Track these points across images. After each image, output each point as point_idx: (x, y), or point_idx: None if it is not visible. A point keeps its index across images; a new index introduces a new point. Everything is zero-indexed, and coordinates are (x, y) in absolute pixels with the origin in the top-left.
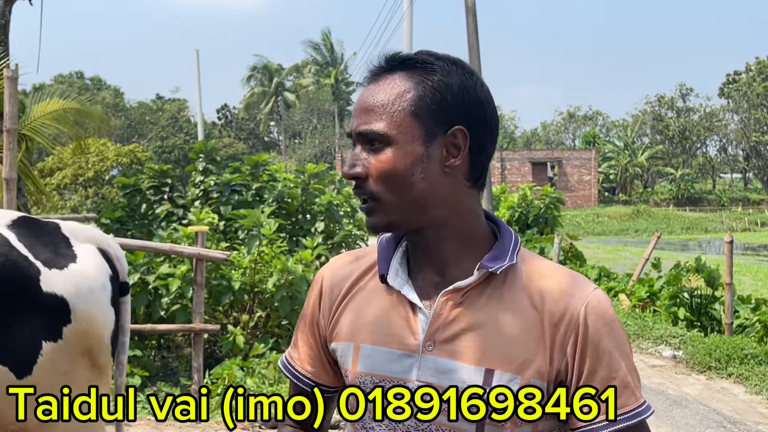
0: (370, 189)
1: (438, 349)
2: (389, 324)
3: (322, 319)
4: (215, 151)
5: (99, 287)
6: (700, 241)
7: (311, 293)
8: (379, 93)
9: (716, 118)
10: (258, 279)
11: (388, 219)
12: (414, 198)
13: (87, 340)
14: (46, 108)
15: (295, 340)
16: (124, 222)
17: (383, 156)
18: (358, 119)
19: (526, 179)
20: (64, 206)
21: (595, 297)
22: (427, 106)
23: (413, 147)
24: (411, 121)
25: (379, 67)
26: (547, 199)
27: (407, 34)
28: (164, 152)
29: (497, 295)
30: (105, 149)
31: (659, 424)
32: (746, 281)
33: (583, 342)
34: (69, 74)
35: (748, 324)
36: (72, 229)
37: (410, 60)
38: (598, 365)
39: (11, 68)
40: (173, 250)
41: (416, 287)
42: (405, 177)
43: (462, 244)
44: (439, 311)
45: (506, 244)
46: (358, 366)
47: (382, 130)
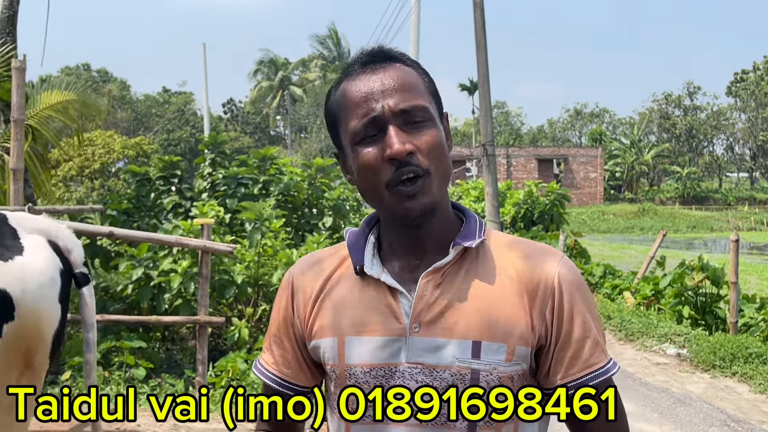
0: (422, 164)
1: (424, 329)
2: (372, 313)
3: (297, 320)
4: (224, 144)
5: (47, 282)
6: (705, 240)
7: (281, 296)
8: (396, 76)
9: (723, 117)
10: (262, 273)
11: (435, 195)
12: (448, 173)
13: (28, 339)
14: (49, 99)
15: (268, 345)
16: (130, 213)
17: (430, 131)
18: (391, 98)
19: (531, 176)
20: (70, 198)
21: (564, 265)
22: (433, 90)
23: (439, 125)
24: (433, 102)
25: (376, 57)
26: (552, 196)
27: (414, 29)
28: (170, 145)
29: (473, 270)
30: (111, 141)
31: (663, 422)
32: (752, 280)
33: (560, 307)
34: (76, 66)
35: (753, 323)
36: (19, 219)
37: (396, 54)
38: (574, 327)
39: (19, 59)
40: (179, 242)
41: (393, 274)
42: (445, 152)
43: (443, 228)
44: (422, 293)
45: (473, 225)
46: (346, 358)
47: (425, 106)
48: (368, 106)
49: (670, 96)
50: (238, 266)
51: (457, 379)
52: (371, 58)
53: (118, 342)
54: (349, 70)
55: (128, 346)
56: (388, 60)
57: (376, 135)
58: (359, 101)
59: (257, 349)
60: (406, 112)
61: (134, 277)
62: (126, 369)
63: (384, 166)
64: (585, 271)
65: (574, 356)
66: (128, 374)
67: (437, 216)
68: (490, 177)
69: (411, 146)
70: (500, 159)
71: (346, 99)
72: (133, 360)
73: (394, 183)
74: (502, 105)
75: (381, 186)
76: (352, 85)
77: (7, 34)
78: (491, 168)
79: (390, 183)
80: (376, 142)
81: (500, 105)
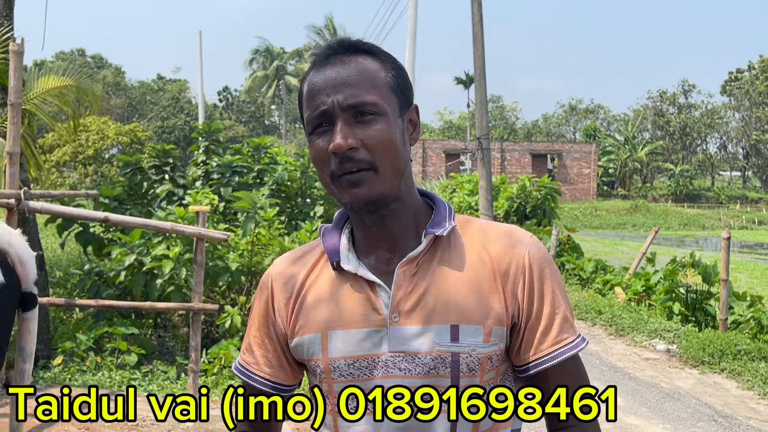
0: (366, 159)
1: (404, 318)
2: (352, 306)
3: (278, 319)
4: (219, 132)
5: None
6: (697, 238)
7: (260, 296)
8: (352, 70)
9: (717, 116)
10: (255, 261)
11: (381, 188)
12: (400, 167)
13: None
14: (46, 84)
15: (248, 345)
16: (123, 201)
17: (378, 126)
18: (341, 93)
19: (525, 171)
20: (63, 183)
21: (533, 244)
22: (397, 83)
23: (395, 119)
24: (392, 95)
25: (339, 49)
26: (544, 191)
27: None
28: (164, 132)
29: (447, 256)
30: (105, 128)
31: (651, 416)
32: (742, 278)
33: (530, 285)
34: (70, 51)
35: (742, 320)
36: None
37: (363, 46)
38: (544, 304)
39: (17, 42)
40: (174, 229)
41: (369, 267)
42: (397, 146)
43: (410, 218)
44: (399, 283)
45: (443, 212)
46: (329, 352)
47: (376, 101)
48: (320, 99)
49: (665, 93)
50: (232, 254)
51: (438, 363)
52: (335, 50)
53: (110, 328)
54: (314, 62)
55: (120, 332)
56: (352, 52)
57: (327, 126)
58: (314, 94)
59: None
60: (354, 107)
61: (127, 263)
62: (118, 355)
63: (329, 158)
64: (577, 266)
65: (544, 332)
66: (120, 360)
67: (398, 207)
68: (484, 170)
69: (353, 141)
70: (495, 153)
71: (306, 90)
72: (125, 346)
73: (337, 174)
74: (497, 99)
75: (327, 177)
76: (313, 77)
77: (5, 17)
78: (486, 162)
79: (333, 174)
80: (326, 134)
81: (495, 99)
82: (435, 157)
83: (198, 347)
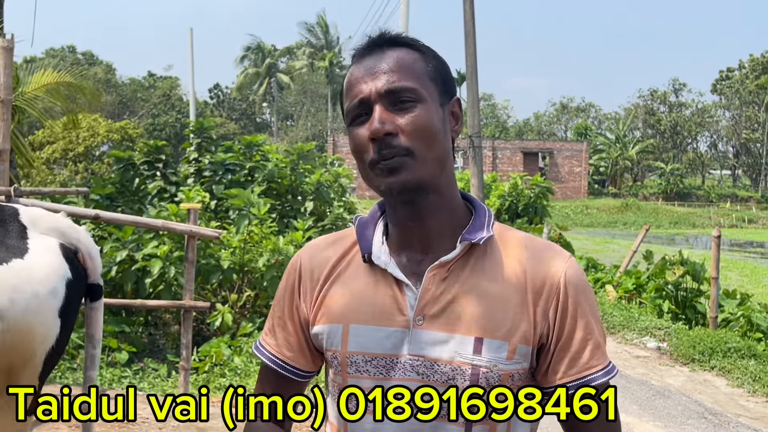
0: (403, 144)
1: (428, 322)
2: (377, 303)
3: (303, 304)
4: (211, 129)
5: (45, 293)
6: (687, 236)
7: (288, 278)
8: (392, 59)
9: (708, 114)
10: (248, 259)
11: (420, 174)
12: (439, 155)
13: (11, 356)
14: (40, 80)
15: (271, 326)
16: (114, 198)
17: (417, 111)
18: (380, 81)
19: (517, 169)
20: (53, 181)
21: (571, 266)
22: (437, 73)
23: (436, 107)
24: (431, 84)
25: (380, 41)
26: (536, 189)
27: (404, 17)
28: (155, 130)
29: (480, 266)
30: (96, 125)
31: (642, 414)
32: (732, 276)
33: (564, 308)
34: (61, 48)
35: (732, 318)
36: (34, 217)
37: (403, 39)
38: (576, 328)
39: (7, 39)
40: (165, 226)
41: (399, 265)
42: (437, 133)
43: (447, 217)
44: (427, 286)
45: (482, 218)
46: (349, 345)
47: (414, 87)
48: (359, 88)
49: (655, 92)
50: (224, 252)
51: (458, 374)
52: (375, 43)
53: None
54: (354, 55)
55: (111, 329)
56: (392, 45)
57: (366, 116)
58: (353, 83)
59: (241, 335)
60: (393, 93)
61: (118, 258)
62: (109, 352)
63: (368, 146)
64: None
65: (575, 357)
66: (110, 358)
67: (436, 202)
68: (476, 169)
69: (391, 126)
70: (486, 151)
71: (346, 82)
72: (116, 343)
73: (375, 161)
74: (489, 97)
75: (367, 165)
76: (353, 69)
77: None
78: (477, 160)
79: (372, 162)
80: (365, 123)
81: (487, 97)
82: None
83: (189, 345)
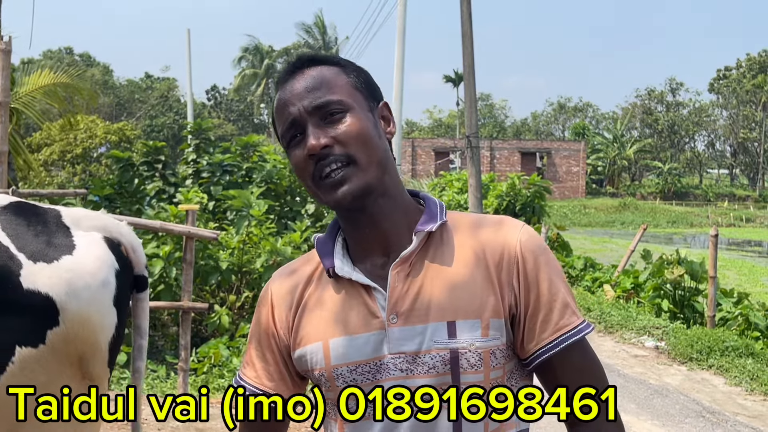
0: (342, 153)
1: (402, 319)
2: (350, 313)
3: (280, 331)
4: (209, 130)
5: (98, 284)
6: (685, 235)
7: (261, 310)
8: (312, 78)
9: (705, 114)
10: (246, 260)
11: (364, 180)
12: (380, 158)
13: (78, 346)
14: (37, 82)
15: (249, 359)
16: (112, 199)
17: (348, 120)
18: (306, 99)
19: (515, 169)
20: (51, 182)
21: (525, 233)
22: (360, 82)
23: (365, 113)
24: (356, 93)
25: (299, 64)
26: (533, 189)
27: (401, 18)
28: (153, 131)
29: (439, 253)
30: (94, 126)
31: (640, 413)
32: (730, 275)
33: (525, 274)
34: (58, 50)
35: (730, 317)
36: (75, 216)
37: (322, 58)
38: (541, 291)
39: (5, 41)
40: (163, 228)
41: (365, 272)
42: (372, 137)
43: (400, 217)
44: (394, 284)
45: (433, 209)
46: (331, 360)
47: (340, 98)
48: (287, 111)
49: (653, 92)
50: (222, 253)
51: (437, 361)
52: (296, 66)
53: None
54: (278, 81)
55: None
56: (311, 65)
57: (301, 136)
58: (281, 108)
59: (240, 336)
60: (320, 108)
61: None
62: None
63: (308, 163)
64: (566, 264)
65: (545, 320)
66: None
67: (387, 203)
68: (473, 169)
69: (326, 139)
70: (484, 151)
71: (275, 108)
72: None
73: (318, 177)
74: (486, 97)
75: (310, 182)
76: (279, 94)
77: None
78: (475, 160)
79: (314, 177)
80: (301, 143)
81: (485, 97)
82: (424, 155)
83: (188, 346)
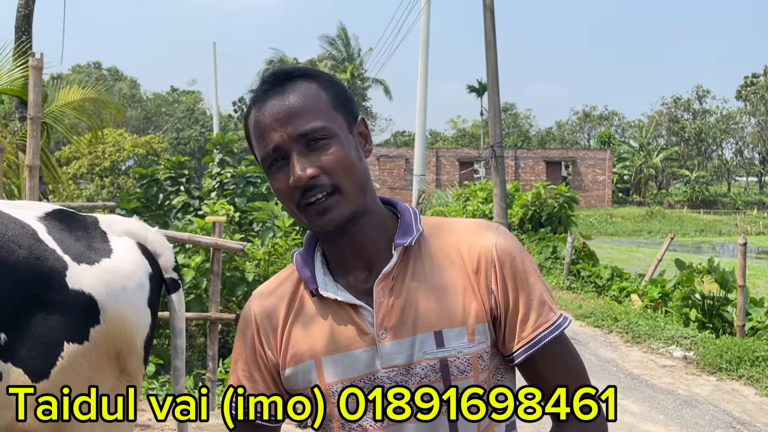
0: (329, 183)
1: (391, 334)
2: (339, 331)
3: (268, 350)
4: (232, 143)
5: (134, 286)
6: (714, 244)
7: (245, 331)
8: (292, 98)
9: (733, 121)
10: (272, 271)
11: (351, 208)
12: (362, 183)
13: (116, 343)
14: (66, 97)
15: (236, 381)
16: (140, 213)
17: (333, 149)
18: (289, 126)
19: (540, 178)
20: (80, 195)
21: (500, 235)
22: (339, 101)
23: (347, 137)
24: (336, 115)
25: (274, 80)
26: (561, 199)
27: (424, 29)
28: (180, 144)
29: (420, 264)
30: (121, 140)
31: (668, 423)
32: (760, 284)
33: (502, 276)
34: (87, 64)
35: (760, 327)
36: (109, 222)
37: (296, 71)
38: (520, 291)
39: (36, 57)
40: (191, 240)
41: (348, 288)
42: (355, 163)
43: (379, 231)
44: (380, 300)
45: (407, 219)
46: (326, 377)
47: (324, 125)
48: (270, 136)
49: (679, 99)
50: (249, 264)
51: (428, 371)
52: (271, 83)
53: None
54: (253, 98)
55: None
56: (287, 80)
57: (284, 160)
58: (262, 131)
59: None
60: (305, 135)
61: None
62: None
63: (292, 191)
64: (593, 273)
65: (523, 319)
66: None
67: (367, 222)
68: (498, 178)
69: (312, 170)
70: (508, 161)
71: (253, 128)
72: None
73: (303, 204)
74: (510, 107)
75: (293, 207)
76: (257, 114)
77: (23, 32)
78: (499, 169)
79: (299, 204)
80: (284, 168)
81: (509, 107)
82: (449, 165)
83: (215, 357)
